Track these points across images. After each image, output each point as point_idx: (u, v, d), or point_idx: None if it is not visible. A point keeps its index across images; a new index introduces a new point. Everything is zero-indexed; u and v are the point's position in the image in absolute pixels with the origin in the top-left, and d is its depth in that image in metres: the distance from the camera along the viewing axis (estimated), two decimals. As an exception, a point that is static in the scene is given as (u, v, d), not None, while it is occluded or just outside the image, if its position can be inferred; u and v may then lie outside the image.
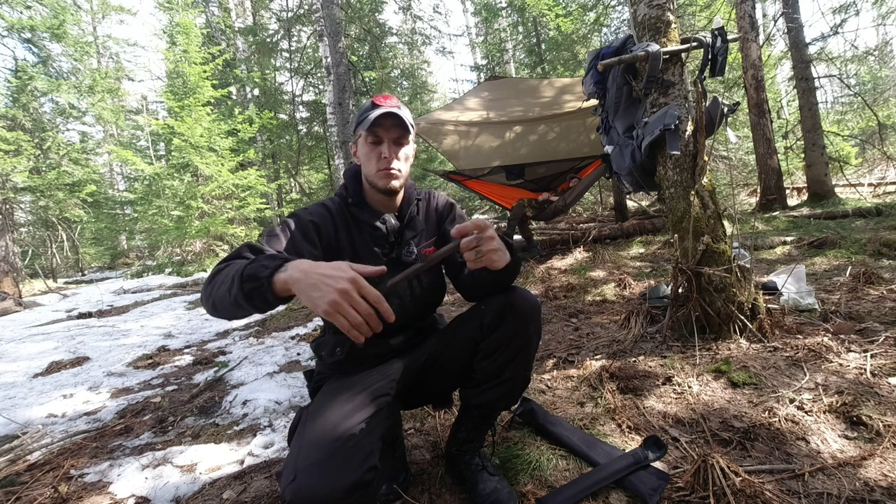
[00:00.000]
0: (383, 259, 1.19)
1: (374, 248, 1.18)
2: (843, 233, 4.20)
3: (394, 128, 1.11)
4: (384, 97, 1.14)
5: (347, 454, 0.87)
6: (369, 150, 1.13)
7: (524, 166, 5.86)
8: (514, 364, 1.16)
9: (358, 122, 1.16)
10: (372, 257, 1.17)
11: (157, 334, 3.99)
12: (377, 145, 1.12)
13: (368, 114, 1.11)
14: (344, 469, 0.85)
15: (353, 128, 1.20)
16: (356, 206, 1.19)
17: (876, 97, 12.83)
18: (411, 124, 1.14)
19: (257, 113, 10.59)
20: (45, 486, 1.56)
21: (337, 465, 0.85)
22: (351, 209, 1.19)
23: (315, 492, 0.81)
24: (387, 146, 1.12)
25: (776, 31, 8.37)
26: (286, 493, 0.82)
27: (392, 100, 1.14)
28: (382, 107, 1.11)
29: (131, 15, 16.63)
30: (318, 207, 1.17)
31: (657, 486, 1.15)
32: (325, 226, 1.14)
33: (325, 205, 1.18)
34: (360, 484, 0.84)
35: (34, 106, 10.85)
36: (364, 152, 1.15)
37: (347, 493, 0.82)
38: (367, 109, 1.13)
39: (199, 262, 9.64)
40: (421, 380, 1.24)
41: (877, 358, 1.71)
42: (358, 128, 1.16)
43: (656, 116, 2.18)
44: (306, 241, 1.09)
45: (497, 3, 13.90)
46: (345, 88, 6.88)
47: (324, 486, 0.81)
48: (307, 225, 1.11)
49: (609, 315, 2.85)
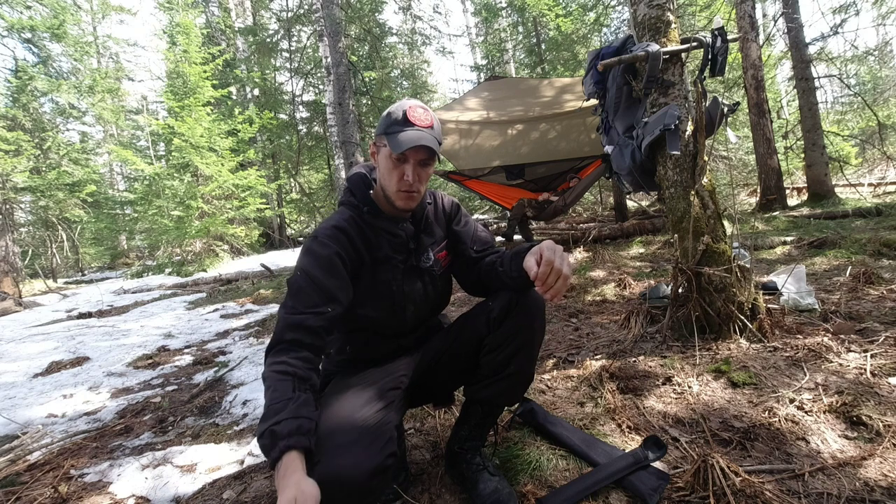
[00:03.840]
0: (401, 266, 1.18)
1: (393, 255, 1.17)
2: (843, 233, 4.20)
3: (422, 150, 1.06)
4: (418, 109, 1.07)
5: (370, 439, 0.91)
6: (392, 167, 1.08)
7: (524, 166, 5.86)
8: (518, 358, 1.17)
9: (386, 131, 1.08)
10: (390, 265, 1.17)
11: (157, 334, 3.99)
12: (402, 163, 1.07)
13: (400, 131, 1.05)
14: (368, 453, 0.88)
15: (378, 130, 1.12)
16: (371, 214, 1.15)
17: (876, 97, 12.85)
18: (440, 142, 1.09)
19: (257, 113, 10.59)
20: (45, 486, 1.56)
21: (361, 448, 0.88)
22: (365, 217, 1.15)
23: (343, 474, 0.83)
24: (411, 168, 1.07)
25: (776, 31, 8.38)
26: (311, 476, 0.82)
27: (426, 114, 1.07)
28: (416, 126, 1.05)
29: (131, 15, 16.65)
30: (333, 232, 1.10)
31: (657, 486, 1.15)
32: (346, 250, 1.09)
33: (337, 227, 1.11)
34: (382, 468, 0.88)
35: (34, 106, 10.86)
36: (386, 166, 1.09)
37: (372, 476, 0.86)
38: (399, 123, 1.06)
39: (199, 262, 9.63)
40: (426, 376, 1.25)
41: (877, 358, 1.70)
42: (384, 137, 1.08)
43: (656, 116, 2.18)
44: (333, 277, 1.05)
45: (497, 3, 13.90)
46: (345, 88, 6.88)
47: (350, 468, 0.84)
48: (329, 260, 1.06)
49: (609, 315, 2.85)
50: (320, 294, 1.02)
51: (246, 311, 4.66)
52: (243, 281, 7.19)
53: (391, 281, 1.16)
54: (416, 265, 1.21)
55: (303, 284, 1.03)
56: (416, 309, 1.22)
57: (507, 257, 1.16)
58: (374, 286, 1.14)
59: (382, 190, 1.14)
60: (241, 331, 3.83)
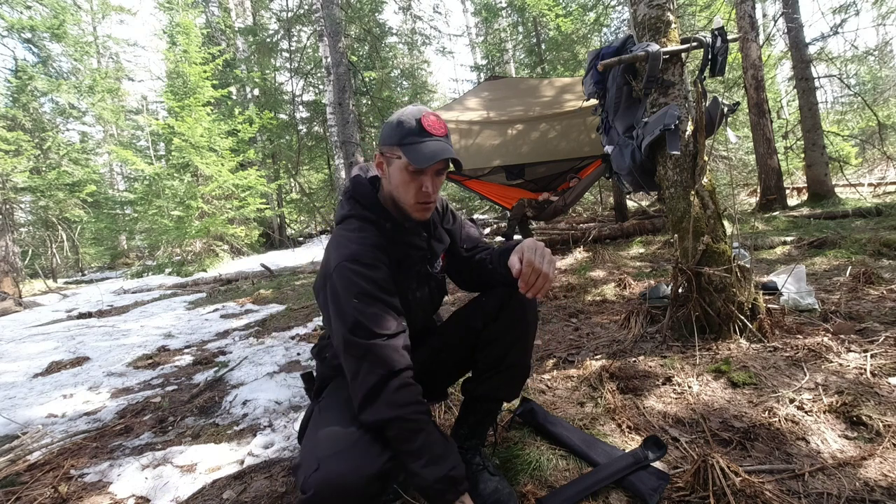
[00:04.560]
0: (415, 275, 1.18)
1: (412, 266, 1.16)
2: (843, 233, 4.20)
3: (441, 162, 1.02)
4: (432, 117, 1.02)
5: (368, 445, 0.90)
6: (409, 180, 1.02)
7: (524, 166, 5.85)
8: (514, 351, 1.19)
9: (400, 142, 1.00)
10: (410, 275, 1.16)
11: (157, 334, 3.99)
12: (419, 175, 1.02)
13: (417, 143, 0.99)
14: (366, 458, 0.88)
15: (388, 140, 1.04)
16: (394, 230, 1.11)
17: (876, 97, 12.85)
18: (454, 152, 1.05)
19: (257, 113, 10.60)
20: (45, 486, 1.56)
21: (359, 455, 0.88)
22: (389, 233, 1.10)
23: (341, 480, 0.83)
24: (429, 180, 1.03)
25: (776, 31, 8.38)
26: (309, 482, 0.83)
27: (439, 120, 1.03)
28: (434, 137, 1.00)
29: (131, 15, 16.67)
30: (378, 254, 1.04)
31: (657, 486, 1.15)
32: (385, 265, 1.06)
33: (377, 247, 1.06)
34: (381, 473, 0.88)
35: (34, 106, 10.87)
36: (401, 179, 1.03)
37: (370, 481, 0.86)
38: (414, 134, 1.00)
39: (199, 262, 9.64)
40: (422, 373, 1.24)
41: (877, 358, 1.70)
42: (397, 148, 1.01)
43: (656, 116, 2.18)
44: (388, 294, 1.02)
45: (497, 3, 13.90)
46: (345, 88, 6.89)
47: (348, 474, 0.84)
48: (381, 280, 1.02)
49: (609, 315, 2.85)
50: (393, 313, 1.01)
51: (246, 311, 4.66)
52: (243, 281, 7.19)
53: (407, 290, 1.16)
54: (428, 272, 1.22)
55: (374, 310, 0.98)
56: (423, 314, 1.24)
57: (496, 254, 1.20)
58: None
59: (395, 201, 1.09)
60: (241, 331, 3.83)
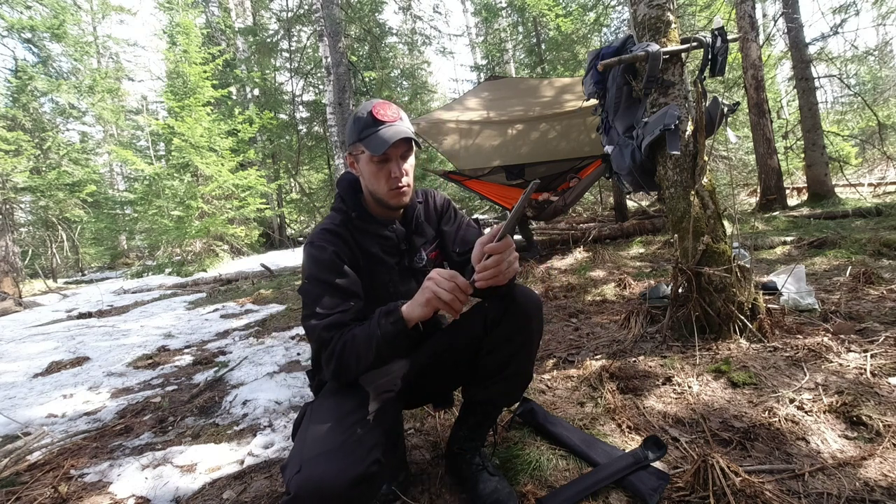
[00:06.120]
0: (395, 268, 1.19)
1: (386, 258, 1.18)
2: (843, 233, 4.20)
3: (401, 143, 1.06)
4: (382, 106, 1.06)
5: (352, 447, 0.89)
6: (377, 170, 1.07)
7: (524, 166, 5.86)
8: (517, 359, 1.17)
9: (359, 137, 1.07)
10: (385, 267, 1.17)
11: (157, 334, 3.99)
12: (385, 163, 1.07)
13: (372, 133, 1.04)
14: (349, 461, 0.87)
15: (350, 138, 1.11)
16: (360, 219, 1.16)
17: (876, 97, 12.85)
18: (414, 133, 1.09)
19: (257, 113, 10.60)
20: (45, 486, 1.56)
21: (342, 457, 0.87)
22: (354, 222, 1.16)
23: (321, 483, 0.82)
24: (395, 164, 1.07)
25: (776, 31, 8.38)
26: (291, 484, 0.83)
27: (391, 109, 1.07)
28: (387, 123, 1.05)
29: (131, 15, 16.65)
30: (325, 234, 1.11)
31: (657, 486, 1.15)
32: (342, 250, 1.10)
33: (328, 230, 1.12)
34: (365, 476, 0.86)
35: (34, 106, 10.86)
36: (370, 171, 1.08)
37: (352, 485, 0.84)
38: (369, 126, 1.05)
39: (199, 262, 9.63)
40: (424, 378, 1.24)
41: (877, 358, 1.70)
42: (359, 144, 1.07)
43: (656, 116, 2.18)
44: (341, 276, 1.06)
45: (497, 3, 13.91)
46: (345, 88, 6.89)
47: (329, 477, 0.83)
48: (332, 261, 1.07)
49: (609, 315, 2.85)
50: (337, 293, 1.04)
51: (246, 311, 4.66)
52: (243, 281, 7.18)
53: (388, 283, 1.17)
54: (410, 266, 1.21)
55: (317, 291, 1.04)
56: None
57: None
58: (372, 289, 1.15)
59: (371, 195, 1.14)
60: (241, 331, 3.83)
